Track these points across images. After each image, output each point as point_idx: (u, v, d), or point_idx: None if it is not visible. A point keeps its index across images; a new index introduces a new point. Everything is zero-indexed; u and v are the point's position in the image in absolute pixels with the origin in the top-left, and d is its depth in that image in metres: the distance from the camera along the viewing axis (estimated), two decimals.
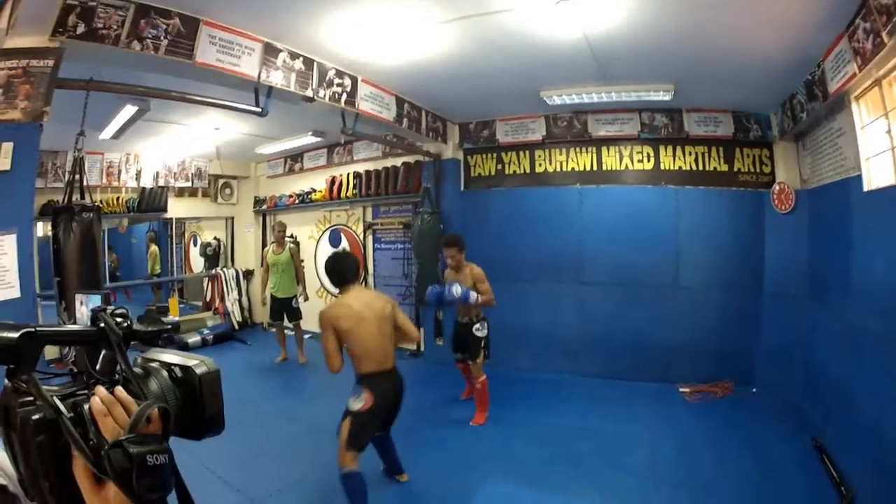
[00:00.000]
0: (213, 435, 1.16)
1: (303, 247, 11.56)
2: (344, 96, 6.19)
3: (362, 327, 4.38)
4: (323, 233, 11.62)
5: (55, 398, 0.96)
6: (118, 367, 1.08)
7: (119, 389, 1.02)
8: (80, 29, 4.00)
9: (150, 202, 10.86)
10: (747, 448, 5.49)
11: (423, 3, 4.61)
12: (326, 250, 11.13)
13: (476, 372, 6.38)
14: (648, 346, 7.82)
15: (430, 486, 5.02)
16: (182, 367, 1.13)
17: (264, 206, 12.62)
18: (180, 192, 11.84)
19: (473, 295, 6.10)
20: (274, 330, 9.92)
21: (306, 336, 9.80)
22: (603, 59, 5.71)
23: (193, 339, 10.74)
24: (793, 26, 4.64)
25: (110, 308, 1.13)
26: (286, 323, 9.40)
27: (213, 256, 13.50)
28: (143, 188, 10.70)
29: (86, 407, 0.98)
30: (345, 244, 11.10)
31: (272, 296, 9.38)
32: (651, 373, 7.69)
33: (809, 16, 4.40)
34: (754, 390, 7.19)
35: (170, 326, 1.25)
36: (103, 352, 1.13)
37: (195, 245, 14.86)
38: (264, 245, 12.27)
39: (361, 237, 10.82)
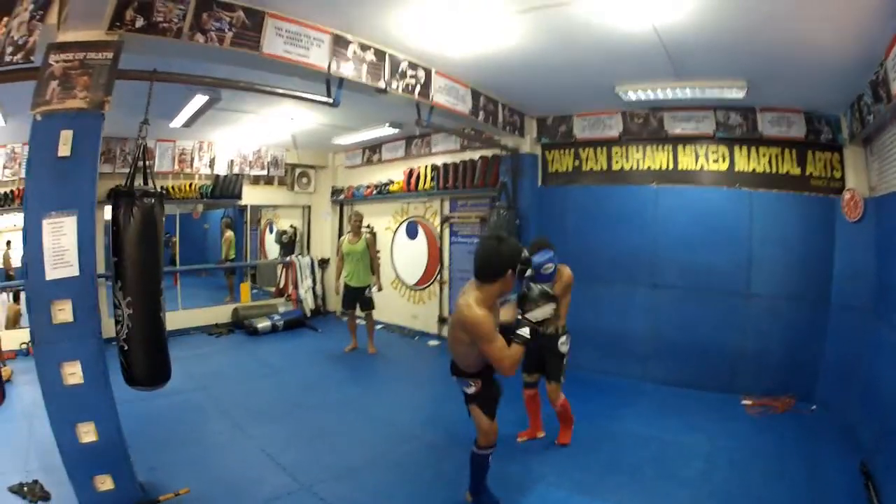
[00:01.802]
0: None
1: (379, 237, 12.11)
2: (418, 88, 6.49)
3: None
4: (400, 224, 12.14)
5: None
6: None
7: None
8: (140, 23, 4.28)
9: (225, 189, 11.75)
10: (799, 467, 5.57)
11: None
12: (403, 242, 11.89)
13: (554, 395, 5.86)
14: (716, 354, 7.92)
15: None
16: None
17: (342, 196, 13.31)
18: (256, 180, 12.62)
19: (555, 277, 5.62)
20: (346, 319, 10.37)
21: (378, 327, 10.43)
22: (674, 53, 5.86)
23: (263, 323, 11.48)
24: (857, 22, 4.61)
25: None
26: (358, 312, 9.85)
27: (288, 244, 14.28)
28: (217, 175, 11.52)
29: None
30: (421, 237, 11.64)
31: (346, 284, 9.84)
32: (716, 382, 7.83)
33: (872, 11, 4.34)
34: (813, 407, 7.18)
35: None
36: None
37: (271, 232, 15.64)
38: (341, 234, 12.91)
39: (438, 230, 11.27)
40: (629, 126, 8.50)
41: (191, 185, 11.42)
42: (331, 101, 5.75)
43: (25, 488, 4.66)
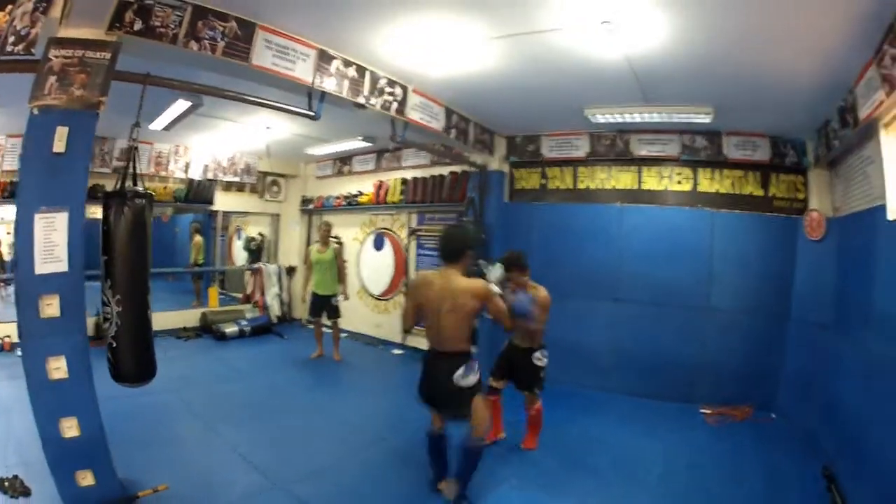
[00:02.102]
0: None
1: (347, 248, 12.21)
2: (395, 105, 6.70)
3: (426, 308, 4.87)
4: (367, 235, 12.31)
5: None
6: None
7: None
8: (138, 26, 4.38)
9: (198, 194, 11.93)
10: (758, 472, 5.85)
11: (473, 20, 5.02)
12: (370, 253, 12.04)
13: (529, 403, 6.25)
14: (675, 365, 8.23)
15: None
16: None
17: (311, 206, 13.44)
18: (228, 187, 12.77)
19: (535, 310, 5.56)
20: (312, 327, 10.53)
21: (343, 335, 10.58)
22: (644, 80, 6.14)
23: (231, 328, 11.59)
24: (826, 51, 4.84)
25: None
26: (325, 320, 9.98)
27: (256, 251, 14.36)
28: (192, 180, 11.66)
29: None
30: (388, 249, 11.80)
31: (313, 293, 9.95)
32: (676, 392, 8.13)
33: (842, 40, 4.56)
34: (773, 416, 7.55)
35: None
36: None
37: (239, 239, 15.77)
38: (309, 243, 12.97)
39: (405, 242, 11.44)
40: (596, 147, 8.78)
41: (165, 188, 11.51)
42: (312, 113, 5.97)
43: (6, 483, 4.68)
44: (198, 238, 14.20)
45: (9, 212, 11.15)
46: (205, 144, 11.40)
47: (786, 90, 5.94)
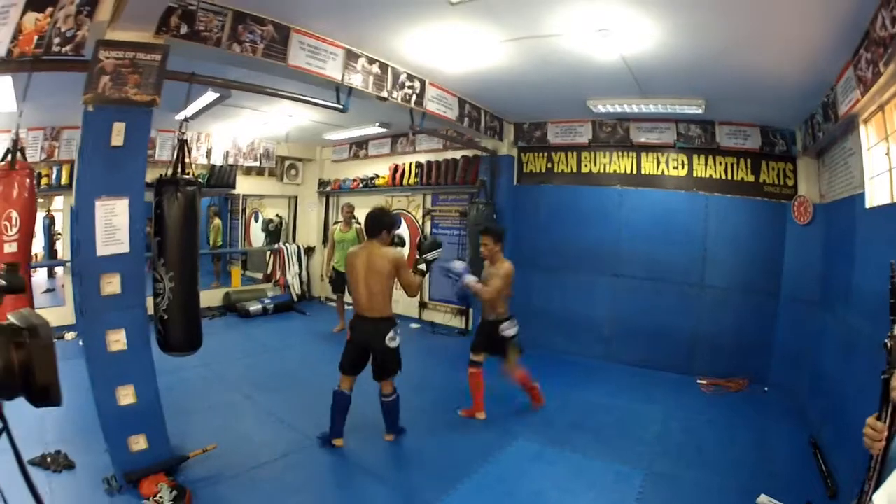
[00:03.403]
0: (49, 405, 1.31)
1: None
2: (414, 97, 7.19)
3: (352, 276, 5.70)
4: None
5: None
6: None
7: None
8: (184, 30, 4.66)
9: (220, 178, 12.28)
10: (749, 437, 6.34)
11: (486, 25, 5.47)
12: None
13: (509, 369, 6.65)
14: (674, 338, 8.83)
15: (468, 439, 6.08)
16: (31, 333, 1.29)
17: (328, 188, 14.04)
18: (248, 171, 13.23)
19: (470, 278, 6.37)
20: (334, 303, 11.21)
21: None
22: (640, 76, 6.65)
23: (255, 306, 12.21)
24: (809, 52, 5.20)
25: None
26: (347, 297, 10.36)
27: (274, 232, 15.01)
28: (213, 165, 12.00)
29: None
30: (404, 228, 12.34)
31: (336, 270, 10.58)
32: (674, 363, 8.72)
33: (824, 42, 4.90)
34: (766, 389, 7.99)
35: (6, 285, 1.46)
36: None
37: (256, 221, 16.23)
38: (326, 224, 13.77)
39: (420, 222, 12.15)
40: (598, 134, 9.38)
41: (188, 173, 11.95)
42: (340, 107, 6.53)
43: (49, 458, 4.90)
44: (216, 221, 14.70)
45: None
46: (225, 131, 11.84)
47: (773, 86, 6.37)
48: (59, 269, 12.03)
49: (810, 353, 7.30)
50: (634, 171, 9.30)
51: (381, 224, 5.74)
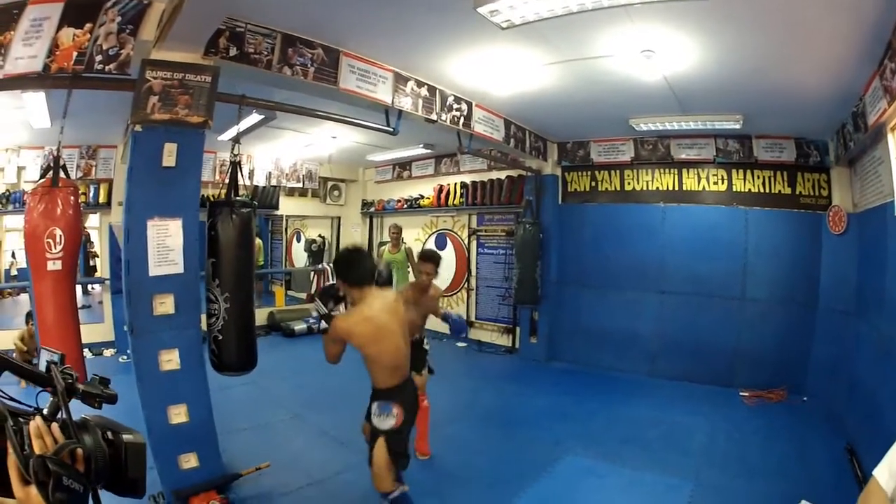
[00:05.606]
0: (133, 496, 1.41)
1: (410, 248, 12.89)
2: (462, 119, 7.45)
3: (387, 340, 4.23)
4: (429, 236, 13.33)
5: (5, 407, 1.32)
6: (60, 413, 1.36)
7: (54, 426, 1.31)
8: (233, 52, 4.78)
9: (263, 199, 12.61)
10: (789, 446, 6.60)
11: (531, 48, 5.74)
12: None
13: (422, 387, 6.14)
14: (716, 352, 9.09)
15: (520, 454, 6.29)
16: (113, 433, 1.38)
17: (372, 209, 14.45)
18: (290, 192, 13.67)
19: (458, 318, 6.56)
20: None
21: None
22: (681, 94, 6.95)
23: (300, 326, 12.57)
24: (837, 64, 5.42)
25: (63, 366, 1.44)
26: None
27: (317, 252, 15.45)
28: (256, 186, 12.36)
29: (26, 427, 1.28)
30: (450, 248, 12.73)
31: None
32: (717, 377, 8.98)
33: (850, 53, 5.08)
34: (805, 399, 8.25)
35: (104, 395, 1.51)
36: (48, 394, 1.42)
37: (298, 241, 16.73)
38: (370, 244, 14.12)
39: (466, 242, 12.51)
40: (640, 151, 9.74)
41: None
42: (391, 129, 6.71)
43: None
44: (257, 241, 14.76)
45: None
46: (268, 153, 12.24)
47: (806, 98, 6.64)
48: (96, 287, 12.52)
49: (846, 362, 7.47)
50: (676, 188, 9.63)
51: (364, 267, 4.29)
